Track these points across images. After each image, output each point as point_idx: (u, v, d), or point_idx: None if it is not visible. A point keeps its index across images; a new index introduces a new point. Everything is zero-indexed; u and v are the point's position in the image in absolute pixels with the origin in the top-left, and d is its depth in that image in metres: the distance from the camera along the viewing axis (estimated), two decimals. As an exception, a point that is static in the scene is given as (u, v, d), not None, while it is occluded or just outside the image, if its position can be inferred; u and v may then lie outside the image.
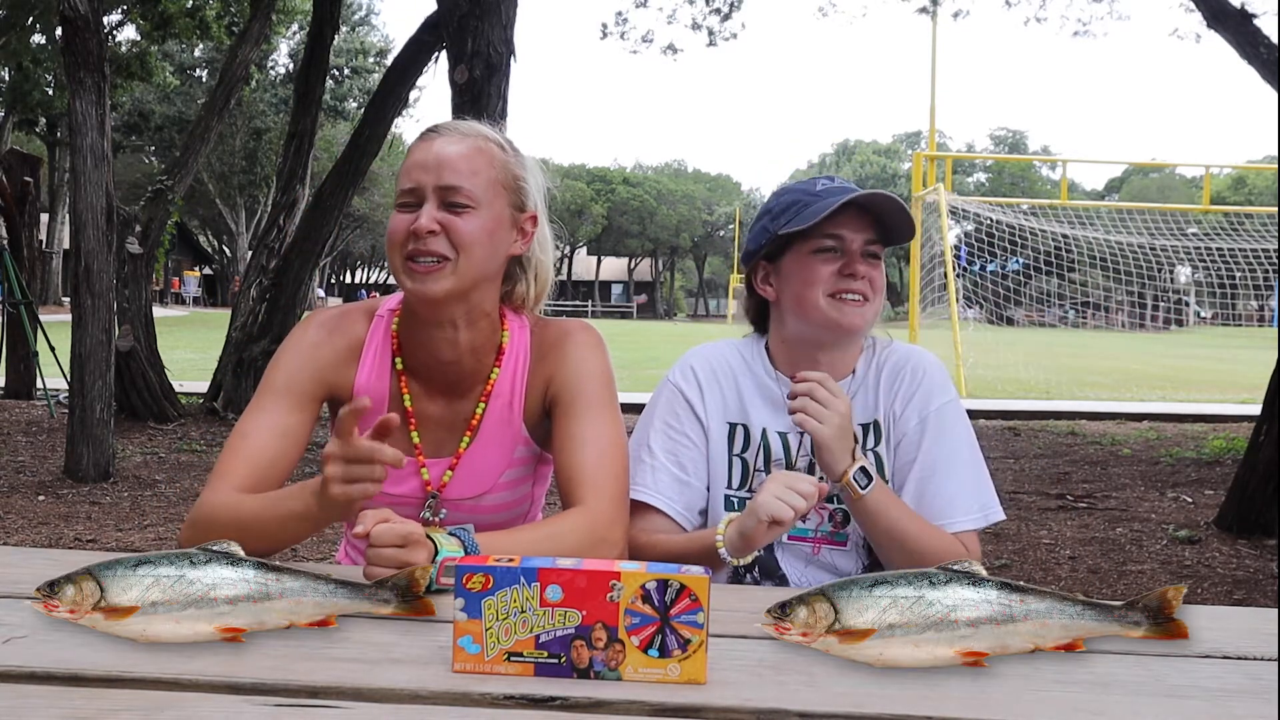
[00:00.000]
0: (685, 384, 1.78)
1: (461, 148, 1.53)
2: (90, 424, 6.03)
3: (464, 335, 1.57)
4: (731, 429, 1.77)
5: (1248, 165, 39.70)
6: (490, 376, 1.61)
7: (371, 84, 37.74)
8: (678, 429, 1.75)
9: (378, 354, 1.62)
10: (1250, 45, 6.85)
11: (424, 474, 1.60)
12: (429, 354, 1.59)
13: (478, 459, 1.61)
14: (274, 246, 9.05)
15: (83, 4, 5.88)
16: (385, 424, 1.30)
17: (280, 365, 1.60)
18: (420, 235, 1.49)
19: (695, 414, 1.76)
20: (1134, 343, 29.59)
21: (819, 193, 1.71)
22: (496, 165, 1.55)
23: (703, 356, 1.82)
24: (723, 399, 1.78)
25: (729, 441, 1.76)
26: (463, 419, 1.61)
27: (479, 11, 5.90)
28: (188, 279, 49.96)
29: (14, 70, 28.17)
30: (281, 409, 1.56)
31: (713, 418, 1.76)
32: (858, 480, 1.61)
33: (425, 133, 1.57)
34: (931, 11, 14.06)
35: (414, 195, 1.51)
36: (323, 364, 1.60)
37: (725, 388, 1.78)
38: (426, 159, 1.52)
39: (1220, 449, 7.98)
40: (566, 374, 1.60)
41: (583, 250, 73.25)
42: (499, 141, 1.59)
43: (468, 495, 1.61)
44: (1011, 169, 67.57)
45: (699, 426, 1.76)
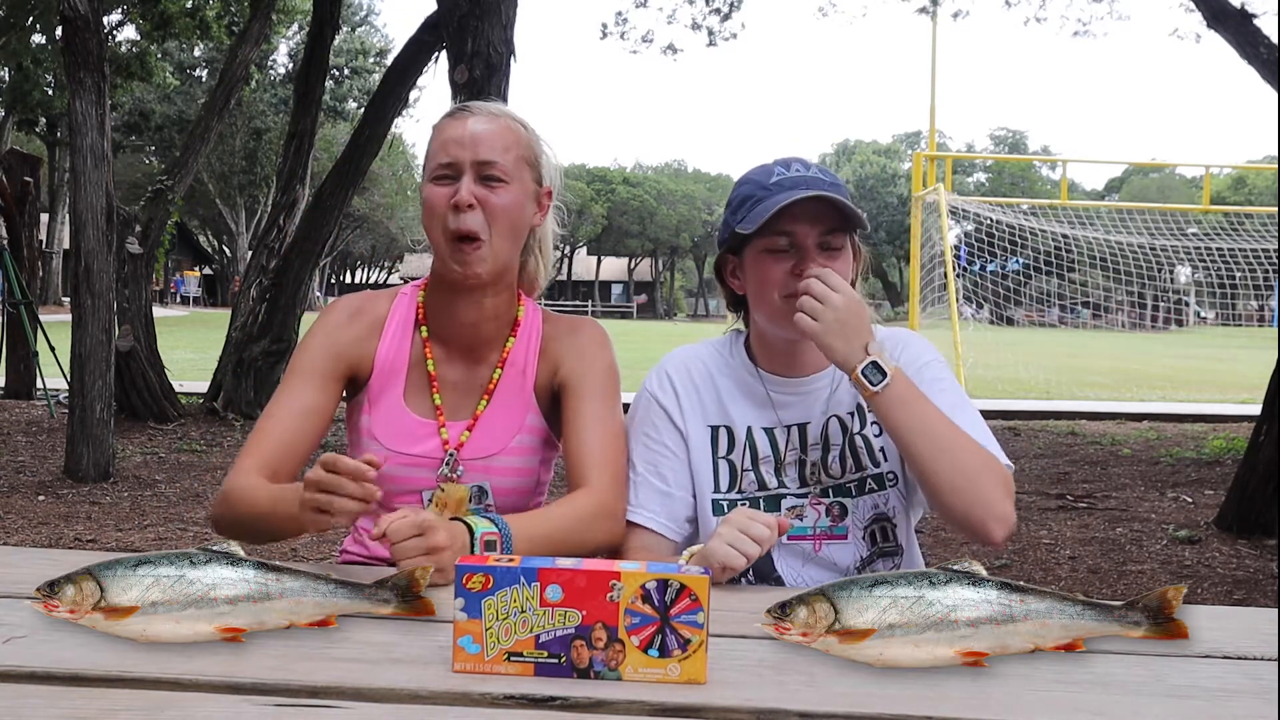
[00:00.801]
0: (661, 392, 1.74)
1: (494, 126, 1.65)
2: (90, 424, 6.02)
3: (489, 301, 1.70)
4: (714, 432, 1.72)
5: (1248, 165, 39.70)
6: (507, 344, 1.73)
7: (371, 84, 37.73)
8: (656, 439, 1.72)
9: (400, 325, 1.74)
10: (1250, 45, 6.86)
11: (443, 434, 1.70)
12: (454, 318, 1.71)
13: (494, 420, 1.71)
14: (274, 246, 9.05)
15: (83, 4, 5.88)
16: (364, 468, 1.37)
17: (304, 348, 1.72)
18: (461, 208, 1.61)
19: (673, 422, 1.72)
20: (1134, 343, 29.60)
21: (771, 186, 1.62)
22: (522, 143, 1.68)
23: (678, 360, 1.77)
24: (700, 403, 1.73)
25: (712, 445, 1.72)
26: (480, 383, 1.73)
27: (479, 11, 5.90)
28: (187, 279, 49.96)
29: (14, 70, 28.17)
30: (304, 389, 1.68)
31: (691, 424, 1.72)
32: (869, 376, 1.53)
33: (456, 111, 1.68)
34: (931, 11, 14.06)
35: (451, 169, 1.63)
36: (343, 344, 1.71)
37: (703, 390, 1.74)
38: (463, 136, 1.63)
39: (1220, 449, 7.98)
40: (575, 364, 1.72)
41: (583, 250, 73.22)
42: (521, 121, 1.71)
43: (482, 455, 1.70)
44: (1011, 169, 67.57)
45: (678, 435, 1.72)
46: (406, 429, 1.69)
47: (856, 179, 69.91)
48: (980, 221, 20.41)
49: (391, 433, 1.69)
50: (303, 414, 1.67)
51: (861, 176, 69.85)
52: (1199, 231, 21.69)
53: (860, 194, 69.32)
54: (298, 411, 1.67)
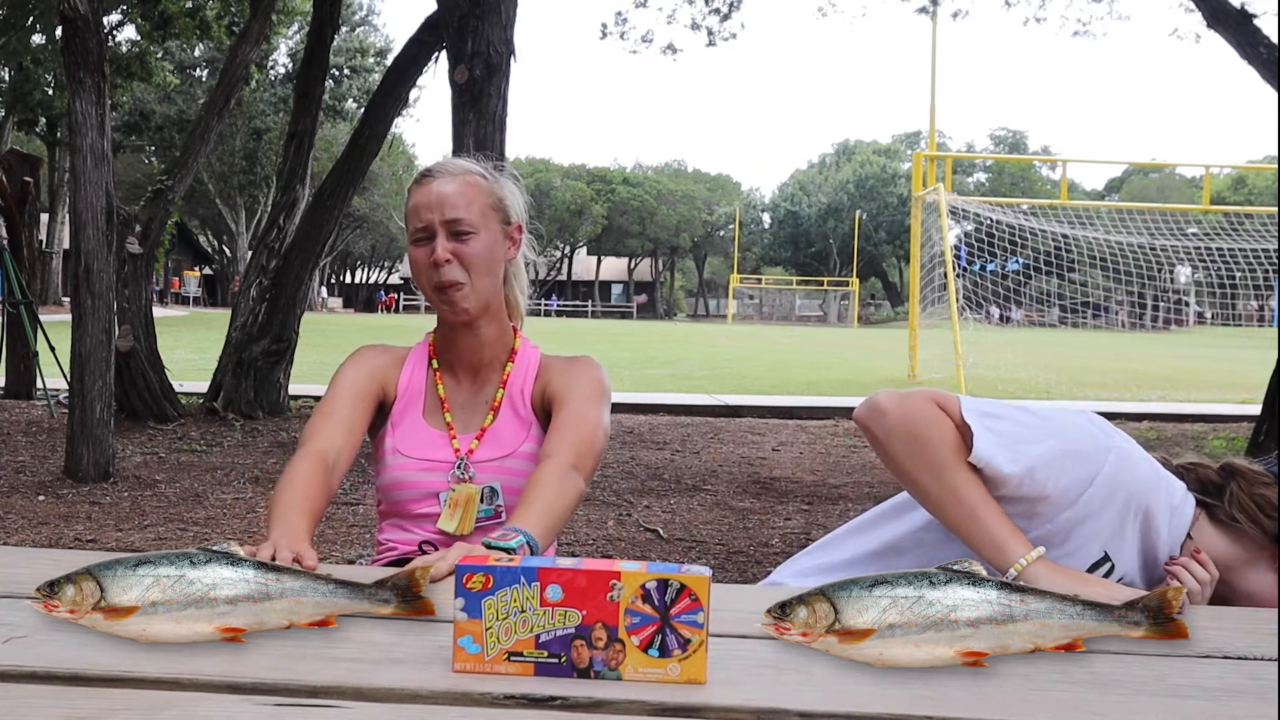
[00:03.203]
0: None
1: (455, 185, 1.86)
2: (90, 424, 6.02)
3: (484, 329, 1.91)
4: None
5: (1248, 165, 39.72)
6: (506, 369, 1.94)
7: (371, 84, 37.74)
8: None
9: (417, 360, 1.98)
10: (1250, 45, 6.86)
11: (455, 444, 1.89)
12: (457, 349, 1.93)
13: (501, 431, 1.90)
14: (274, 246, 9.05)
15: (83, 4, 5.88)
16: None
17: (341, 371, 1.92)
18: (439, 265, 1.83)
19: None
20: (1134, 343, 29.59)
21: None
22: (483, 193, 1.88)
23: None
24: None
25: None
26: (485, 401, 1.93)
27: (479, 11, 5.91)
28: (187, 279, 49.97)
29: (14, 70, 28.18)
30: (347, 398, 1.88)
31: None
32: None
33: (421, 177, 1.90)
34: (931, 11, 14.06)
35: (425, 231, 1.85)
36: (372, 369, 1.94)
37: None
38: (430, 200, 1.85)
39: (1220, 449, 7.98)
40: (564, 380, 1.90)
41: (583, 250, 73.26)
42: (480, 172, 1.91)
43: (493, 457, 1.88)
44: (1011, 169, 67.58)
45: None
46: (424, 440, 1.89)
47: (857, 179, 69.91)
48: (980, 221, 20.42)
49: (411, 443, 1.90)
50: (350, 412, 1.86)
51: (861, 176, 69.85)
52: (1199, 231, 21.71)
53: (860, 194, 69.34)
54: (347, 412, 1.85)
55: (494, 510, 1.85)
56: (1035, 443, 1.55)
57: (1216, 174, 50.99)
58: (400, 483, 1.88)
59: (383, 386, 1.93)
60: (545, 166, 67.55)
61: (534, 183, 62.06)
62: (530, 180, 61.57)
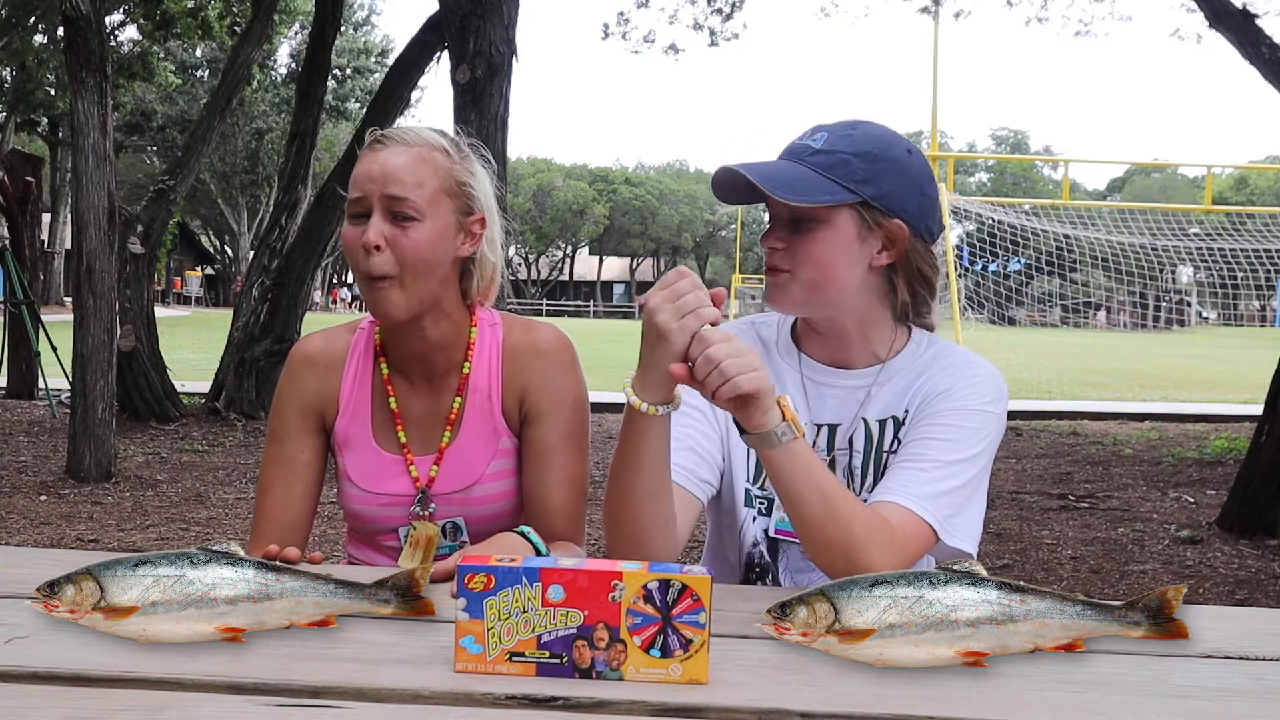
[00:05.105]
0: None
1: (406, 158, 1.53)
2: (92, 424, 6.03)
3: (430, 331, 1.61)
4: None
5: (1250, 165, 39.76)
6: (463, 369, 1.65)
7: (373, 84, 37.72)
8: (688, 402, 1.47)
9: (360, 360, 1.68)
10: (1252, 45, 6.86)
11: (412, 471, 1.64)
12: (403, 350, 1.65)
13: (462, 451, 1.65)
14: (276, 246, 9.06)
15: (85, 4, 5.88)
16: (282, 557, 1.37)
17: (274, 409, 1.69)
18: (368, 250, 1.51)
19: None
20: (1136, 343, 29.57)
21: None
22: (441, 173, 1.55)
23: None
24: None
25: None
26: (443, 414, 1.65)
27: (481, 11, 5.91)
28: (189, 278, 49.99)
29: (16, 70, 28.20)
30: (284, 453, 1.66)
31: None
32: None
33: (371, 141, 1.57)
34: (933, 12, 14.06)
35: (361, 205, 1.53)
36: (306, 395, 1.67)
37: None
38: (372, 169, 1.52)
39: (1222, 449, 7.98)
40: (542, 396, 1.64)
41: (584, 250, 73.21)
42: (444, 147, 1.57)
43: (456, 489, 1.65)
44: (1013, 169, 67.51)
45: (711, 411, 1.57)
46: (380, 467, 1.64)
47: (858, 179, 69.67)
48: (982, 222, 20.41)
49: (364, 473, 1.65)
50: (291, 480, 1.65)
51: (863, 176, 69.61)
52: (1201, 231, 21.70)
53: (862, 194, 69.09)
54: (286, 478, 1.65)
55: (458, 545, 1.65)
56: (977, 493, 1.51)
57: (1218, 174, 50.93)
58: (359, 515, 1.67)
59: (321, 412, 1.67)
60: (547, 166, 67.57)
61: (536, 183, 62.08)
62: (532, 180, 61.63)
